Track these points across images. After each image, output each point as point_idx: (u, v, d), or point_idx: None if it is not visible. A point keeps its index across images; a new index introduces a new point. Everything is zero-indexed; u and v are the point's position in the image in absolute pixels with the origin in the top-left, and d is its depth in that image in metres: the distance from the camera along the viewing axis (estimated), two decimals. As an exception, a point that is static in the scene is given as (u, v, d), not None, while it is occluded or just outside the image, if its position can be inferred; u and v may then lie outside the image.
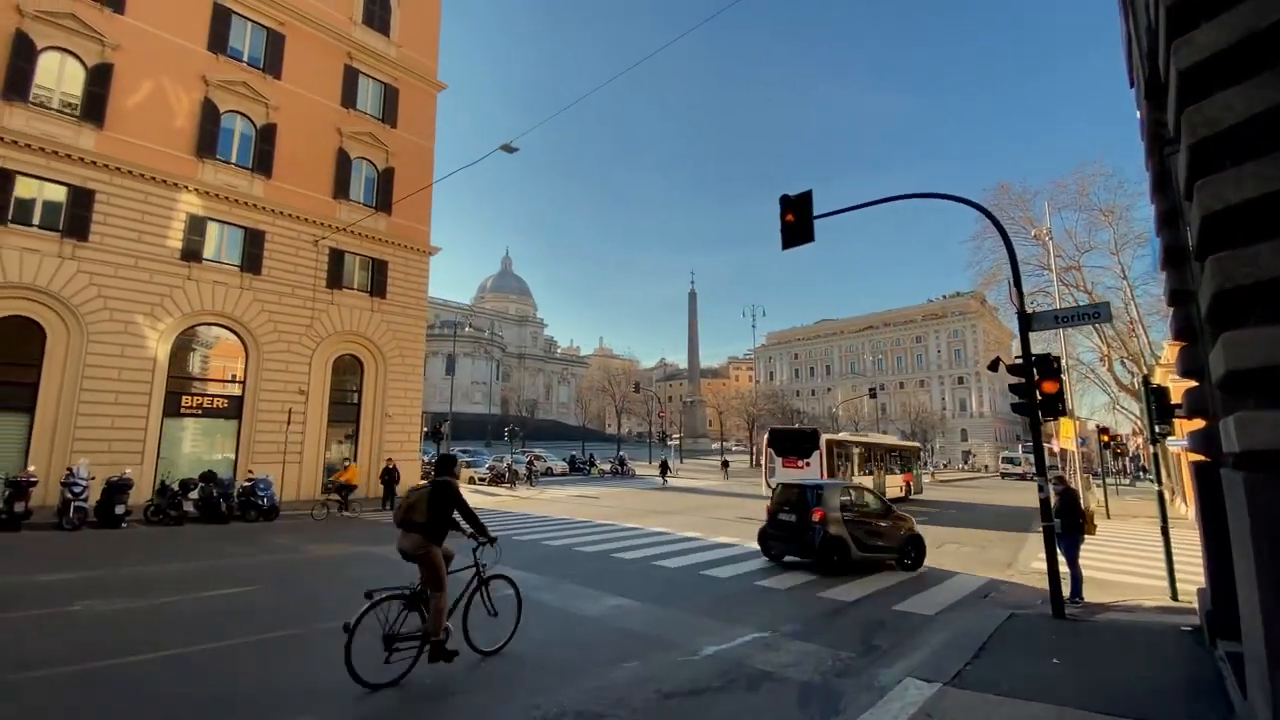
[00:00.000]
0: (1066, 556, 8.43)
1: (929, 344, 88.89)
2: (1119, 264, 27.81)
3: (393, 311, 25.07)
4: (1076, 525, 8.50)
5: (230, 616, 6.69)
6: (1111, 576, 10.62)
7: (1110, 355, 29.51)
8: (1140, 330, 27.88)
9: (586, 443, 57.35)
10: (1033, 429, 7.44)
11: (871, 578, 9.82)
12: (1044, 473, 7.43)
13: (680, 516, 18.61)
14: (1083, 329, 30.77)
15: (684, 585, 8.89)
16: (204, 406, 20.33)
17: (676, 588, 8.71)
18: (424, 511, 5.24)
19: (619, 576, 9.34)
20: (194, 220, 20.21)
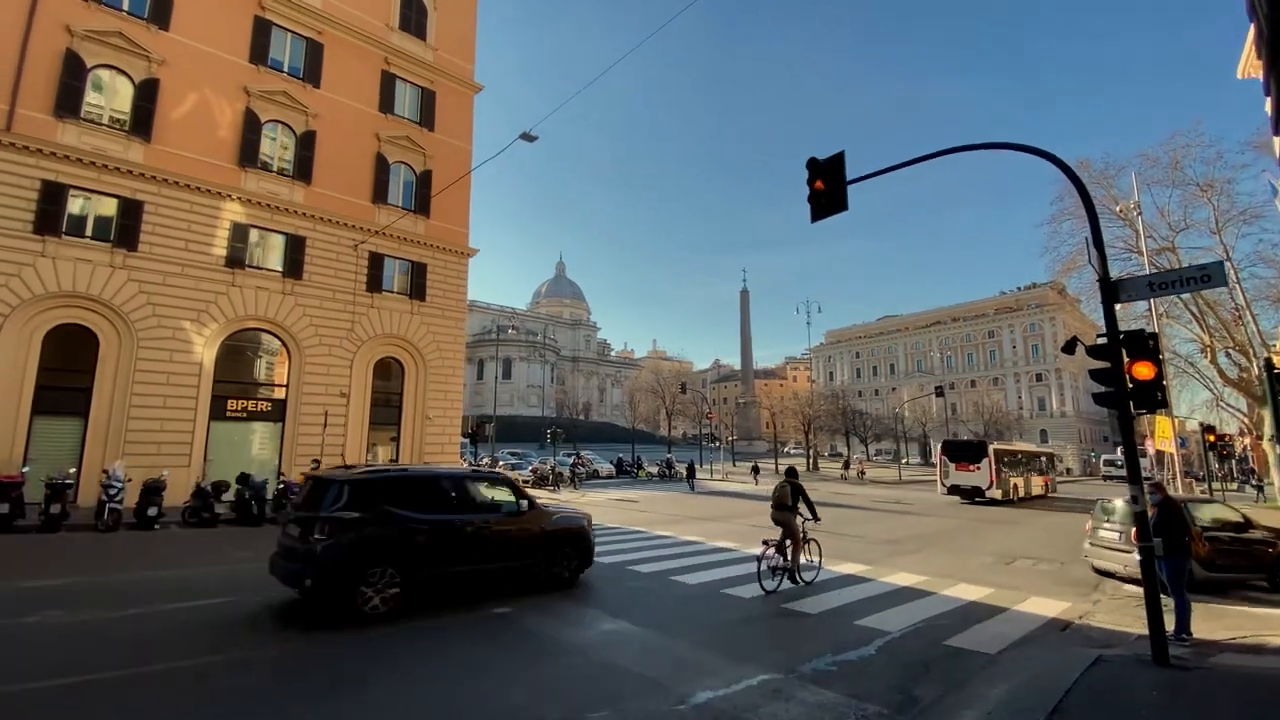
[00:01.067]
0: (1169, 584, 6.84)
1: (1002, 339, 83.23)
2: (1221, 244, 24.61)
3: (432, 314, 25.02)
4: (1181, 545, 6.89)
5: (182, 632, 6.13)
6: (1223, 604, 8.78)
7: (1213, 346, 26.13)
8: (1248, 317, 24.53)
9: (637, 445, 56.55)
10: (1122, 426, 5.95)
11: (922, 601, 8.43)
12: (1138, 479, 5.95)
13: (718, 524, 17.41)
14: (1180, 316, 27.52)
15: (697, 607, 7.81)
16: (248, 410, 20.71)
17: (688, 610, 7.64)
18: (790, 498, 9.34)
19: (626, 595, 8.36)
20: (237, 228, 20.64)
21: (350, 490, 7.06)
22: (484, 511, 7.89)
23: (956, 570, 11.01)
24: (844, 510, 22.50)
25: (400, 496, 7.21)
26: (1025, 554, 13.06)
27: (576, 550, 8.72)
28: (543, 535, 8.34)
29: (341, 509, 6.85)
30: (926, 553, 13.02)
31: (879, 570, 10.70)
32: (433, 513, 7.30)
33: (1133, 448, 5.81)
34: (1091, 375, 6.46)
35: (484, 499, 8.11)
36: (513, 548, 7.95)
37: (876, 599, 8.45)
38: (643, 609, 7.53)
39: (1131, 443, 5.83)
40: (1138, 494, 5.99)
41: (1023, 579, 10.47)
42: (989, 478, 26.68)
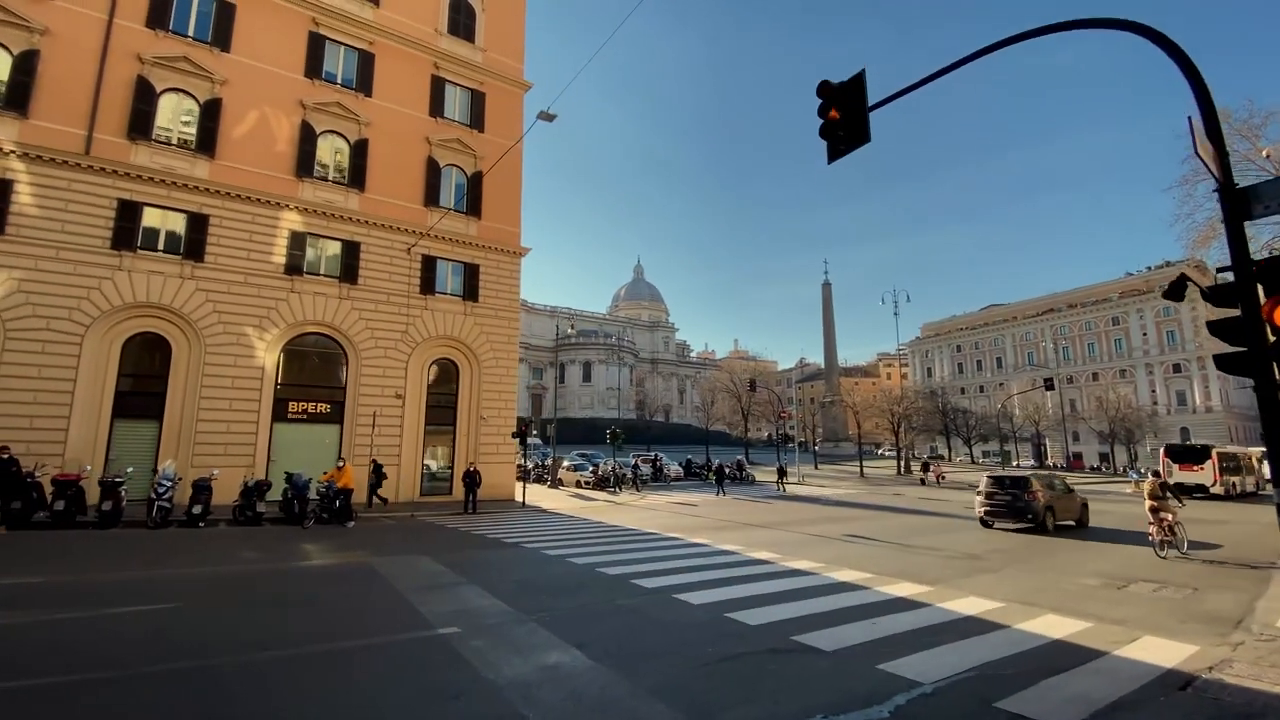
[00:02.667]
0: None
1: (1130, 326, 73.63)
2: None
3: (485, 314, 24.90)
4: None
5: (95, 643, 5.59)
6: None
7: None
8: None
9: (713, 446, 54.79)
10: (1262, 400, 4.04)
11: (986, 637, 6.59)
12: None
13: (769, 532, 15.70)
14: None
15: (685, 635, 6.43)
16: (308, 412, 21.30)
17: (670, 638, 6.29)
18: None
19: (607, 615, 7.13)
20: (295, 236, 21.34)
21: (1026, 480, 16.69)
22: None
23: (1045, 595, 8.86)
24: (923, 519, 19.96)
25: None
26: (1147, 575, 10.50)
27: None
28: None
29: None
30: (1012, 570, 10.79)
31: (940, 593, 8.78)
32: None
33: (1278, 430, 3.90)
34: (1212, 330, 4.52)
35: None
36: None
37: (922, 632, 6.69)
38: (613, 635, 6.27)
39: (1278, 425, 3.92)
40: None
41: (1136, 609, 8.20)
42: (1213, 476, 30.45)
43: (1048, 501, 16.55)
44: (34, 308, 17.13)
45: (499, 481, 23.61)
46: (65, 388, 17.28)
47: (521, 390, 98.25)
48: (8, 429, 16.10)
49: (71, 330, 17.51)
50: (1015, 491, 16.67)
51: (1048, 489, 17.07)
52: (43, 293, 17.27)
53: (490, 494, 23.22)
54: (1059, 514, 16.92)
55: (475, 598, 7.72)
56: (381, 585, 8.40)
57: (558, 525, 16.73)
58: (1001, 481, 17.31)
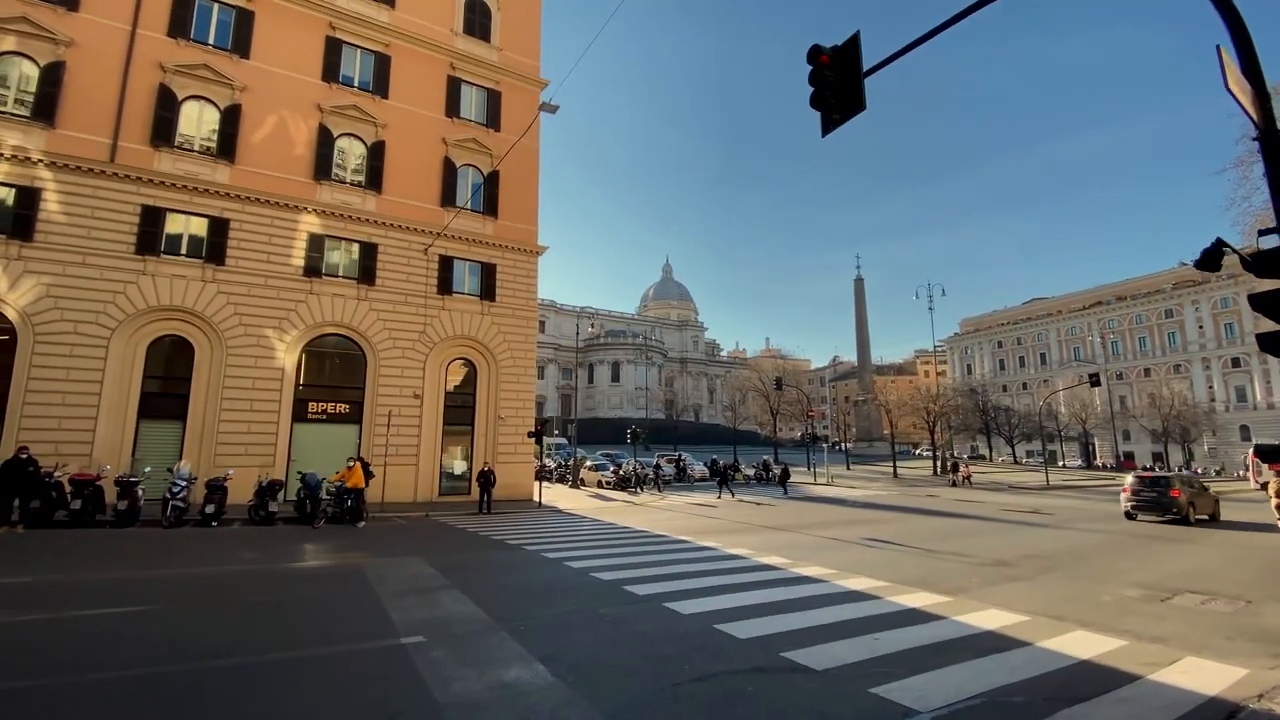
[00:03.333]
0: None
1: (1185, 318, 69.71)
2: None
3: (503, 314, 24.80)
4: None
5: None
6: None
7: None
8: None
9: (741, 446, 53.93)
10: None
11: (1004, 655, 5.95)
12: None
13: (785, 535, 15.08)
14: None
15: (664, 648, 5.96)
16: (328, 412, 21.49)
17: (646, 652, 5.83)
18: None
19: (588, 625, 6.71)
20: (314, 239, 21.56)
21: (1168, 479, 18.99)
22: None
23: (1077, 607, 8.10)
24: (954, 521, 18.97)
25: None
26: (1194, 586, 9.56)
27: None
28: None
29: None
30: (1045, 579, 9.98)
31: (958, 604, 8.10)
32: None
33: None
34: (1254, 305, 3.85)
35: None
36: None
37: (929, 649, 6.08)
38: (587, 648, 5.84)
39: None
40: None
41: (1179, 625, 7.39)
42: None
43: (1189, 498, 18.64)
44: (62, 312, 17.62)
45: (517, 482, 23.46)
46: (92, 390, 17.73)
47: (552, 391, 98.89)
48: (37, 430, 16.61)
49: (98, 334, 17.97)
50: (1159, 489, 18.81)
51: (1187, 487, 19.18)
52: (70, 297, 17.76)
53: (508, 494, 23.11)
54: (1198, 509, 19.00)
55: (453, 604, 7.40)
56: (363, 589, 8.16)
57: (568, 526, 16.41)
58: (1146, 480, 19.50)
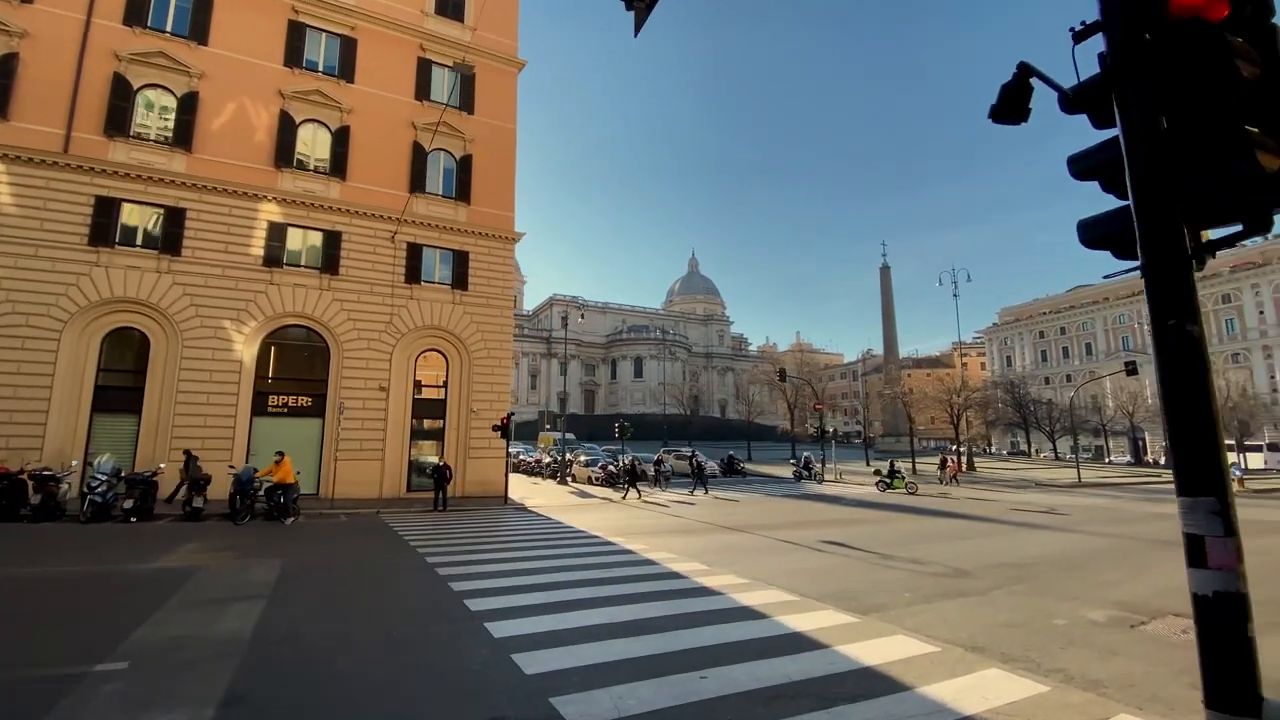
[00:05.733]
0: None
1: (1244, 303, 64.27)
2: None
3: (475, 304, 23.85)
4: None
5: None
6: None
7: None
8: None
9: (757, 442, 52.05)
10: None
11: (840, 711, 4.51)
12: None
13: (734, 536, 13.69)
14: None
15: (404, 689, 4.73)
16: (289, 405, 20.92)
17: (370, 695, 4.61)
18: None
19: (348, 651, 5.52)
20: (274, 227, 20.98)
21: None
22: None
23: (1013, 634, 6.51)
24: (944, 523, 17.11)
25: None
26: (1189, 608, 7.76)
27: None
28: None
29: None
30: (999, 594, 8.33)
31: (862, 628, 6.62)
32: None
33: None
34: (1075, 170, 2.38)
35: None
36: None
37: (765, 695, 4.68)
38: (304, 687, 4.65)
39: None
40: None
41: (1133, 664, 5.74)
42: None
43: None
44: (13, 305, 17.39)
45: (487, 477, 22.47)
46: (44, 383, 17.47)
47: (575, 387, 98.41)
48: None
49: (50, 326, 17.69)
50: None
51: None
52: (22, 290, 17.51)
53: (480, 490, 22.20)
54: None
55: (232, 619, 6.33)
56: (154, 597, 7.14)
57: (506, 526, 15.30)
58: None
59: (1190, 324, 2.08)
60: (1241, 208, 1.96)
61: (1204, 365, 2.10)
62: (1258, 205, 1.94)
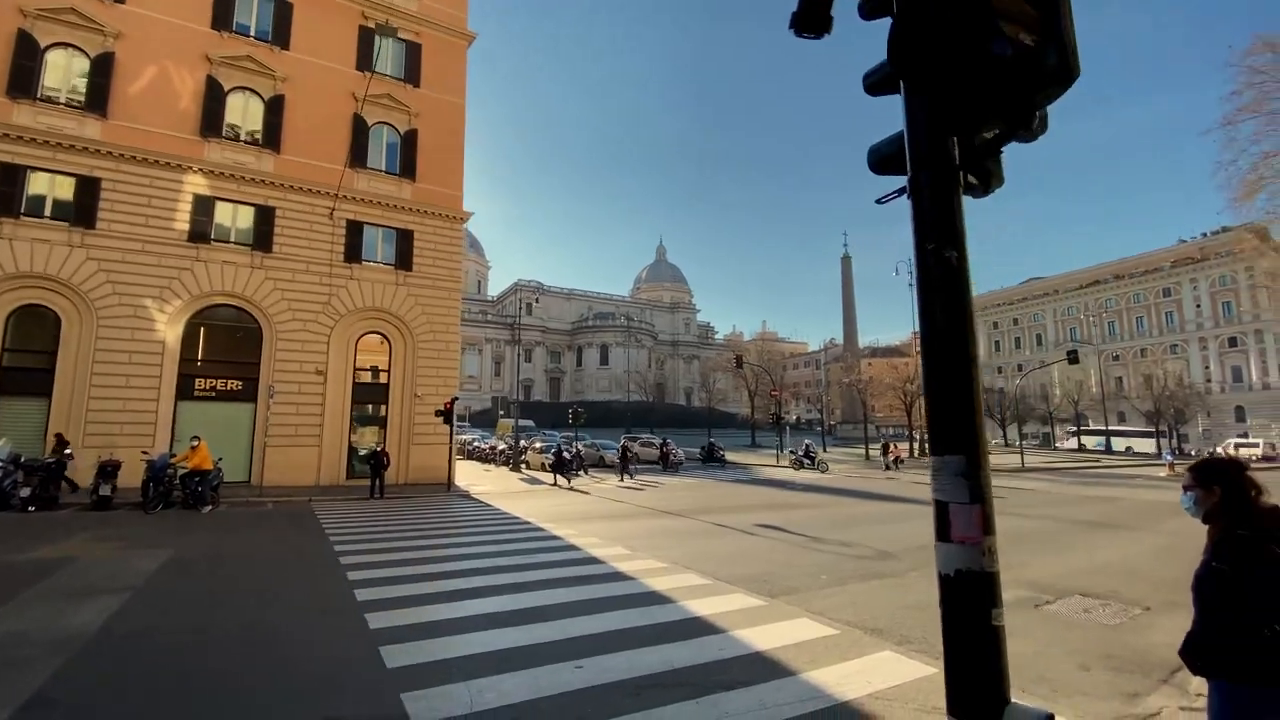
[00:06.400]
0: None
1: (1183, 297, 67.07)
2: None
3: (421, 285, 23.06)
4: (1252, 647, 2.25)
5: None
6: None
7: None
8: None
9: (717, 429, 52.31)
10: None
11: (714, 700, 4.29)
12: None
13: (666, 520, 13.53)
14: None
15: (251, 678, 4.35)
16: (218, 389, 19.92)
17: (208, 693, 4.20)
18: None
19: (193, 651, 5.08)
20: (201, 201, 19.84)
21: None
22: None
23: (918, 616, 6.40)
24: (885, 506, 17.32)
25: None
26: (1097, 586, 7.85)
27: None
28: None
29: None
30: (913, 576, 8.28)
31: (768, 611, 6.47)
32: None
33: None
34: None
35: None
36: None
37: (640, 683, 4.45)
38: (130, 681, 4.22)
39: None
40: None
41: (1029, 644, 5.68)
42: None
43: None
44: (-98, 278, 16.06)
45: (432, 464, 21.84)
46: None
47: (540, 374, 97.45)
48: None
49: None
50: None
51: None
52: (-88, 262, 16.18)
53: (423, 476, 21.61)
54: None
55: (78, 615, 5.76)
56: (9, 590, 6.54)
57: (441, 513, 14.84)
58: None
59: (949, 249, 1.83)
60: (999, 101, 1.70)
61: (962, 298, 1.83)
62: (1016, 96, 1.68)
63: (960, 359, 1.82)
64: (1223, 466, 2.55)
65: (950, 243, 1.80)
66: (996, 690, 1.90)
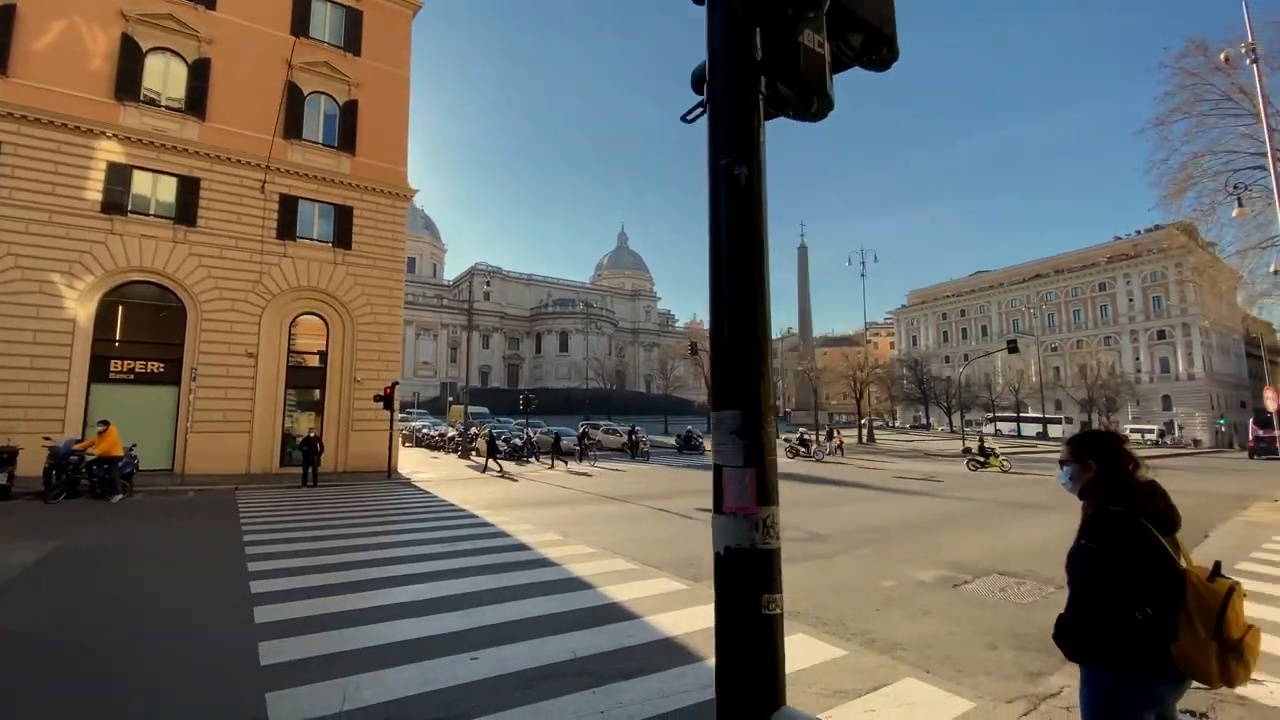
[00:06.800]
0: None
1: (1117, 292, 70.52)
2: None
3: (361, 264, 22.11)
4: (1128, 632, 2.15)
5: None
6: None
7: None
8: None
9: (671, 416, 52.49)
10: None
11: (616, 689, 4.11)
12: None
13: (606, 506, 13.38)
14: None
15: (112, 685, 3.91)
16: (136, 371, 18.69)
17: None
18: None
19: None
20: (116, 169, 18.46)
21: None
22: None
23: (835, 598, 6.39)
24: (826, 489, 17.56)
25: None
26: (1016, 566, 8.00)
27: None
28: None
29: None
30: (841, 559, 8.31)
31: (689, 595, 6.37)
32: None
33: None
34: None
35: None
36: None
37: (536, 674, 4.21)
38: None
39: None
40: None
41: (940, 625, 5.69)
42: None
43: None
44: None
45: (373, 451, 21.03)
46: None
47: (498, 360, 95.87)
48: None
49: None
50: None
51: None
52: None
53: (363, 464, 20.85)
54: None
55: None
56: None
57: (374, 501, 14.29)
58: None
59: (740, 165, 1.56)
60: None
61: (751, 222, 1.59)
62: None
63: (746, 293, 1.58)
64: (1099, 439, 2.44)
65: (742, 158, 1.55)
66: (768, 693, 1.68)
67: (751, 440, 1.65)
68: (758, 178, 1.57)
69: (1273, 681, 4.30)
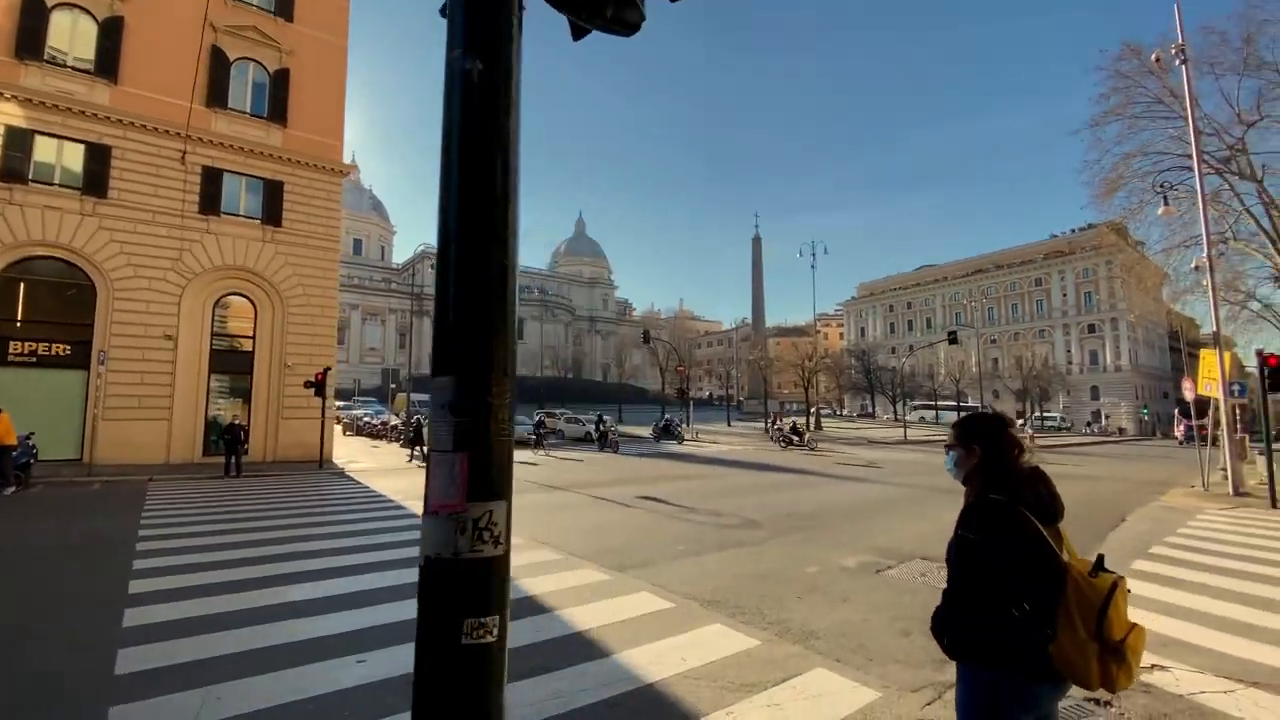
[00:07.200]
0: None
1: (1052, 287, 74.01)
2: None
3: (292, 242, 20.98)
4: (1002, 623, 2.02)
5: None
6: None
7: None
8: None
9: (627, 405, 52.38)
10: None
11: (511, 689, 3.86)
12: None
13: (551, 495, 13.20)
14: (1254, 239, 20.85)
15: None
16: (39, 354, 17.28)
17: None
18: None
19: None
20: (16, 133, 16.91)
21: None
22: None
23: (759, 586, 6.32)
24: (769, 476, 17.71)
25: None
26: (940, 551, 8.08)
27: None
28: None
29: None
30: (772, 545, 8.28)
31: (613, 585, 6.20)
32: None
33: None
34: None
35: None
36: None
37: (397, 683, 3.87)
38: None
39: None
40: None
41: (857, 612, 5.66)
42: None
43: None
44: None
45: (305, 439, 20.06)
46: None
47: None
48: None
49: None
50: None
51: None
52: None
53: (294, 453, 19.93)
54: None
55: None
56: None
57: (297, 492, 13.59)
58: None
59: (473, 59, 1.26)
60: None
61: (489, 133, 1.30)
62: None
63: (481, 225, 1.30)
64: (984, 422, 2.31)
65: (477, 50, 1.29)
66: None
67: (466, 415, 1.31)
68: (505, 81, 1.28)
69: (1179, 668, 4.37)
